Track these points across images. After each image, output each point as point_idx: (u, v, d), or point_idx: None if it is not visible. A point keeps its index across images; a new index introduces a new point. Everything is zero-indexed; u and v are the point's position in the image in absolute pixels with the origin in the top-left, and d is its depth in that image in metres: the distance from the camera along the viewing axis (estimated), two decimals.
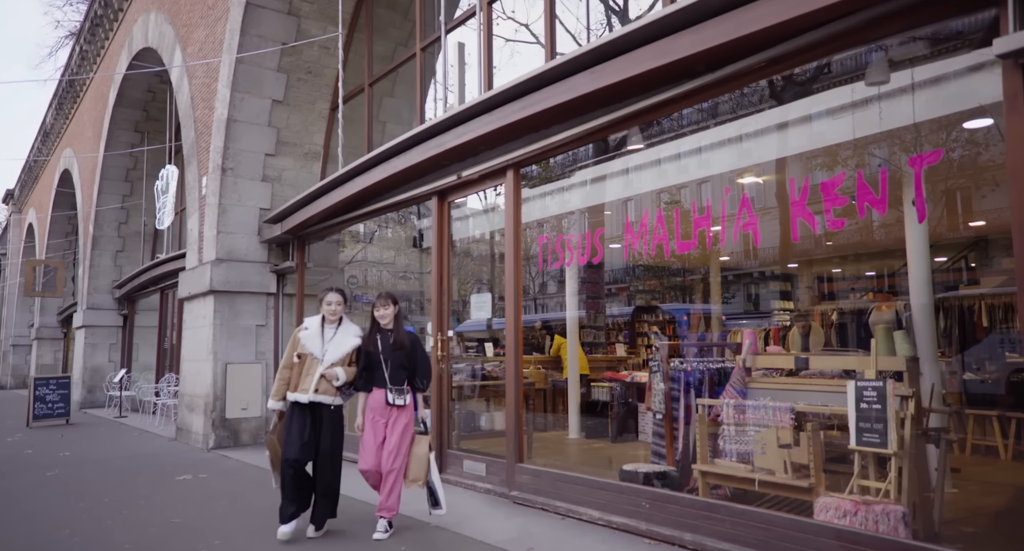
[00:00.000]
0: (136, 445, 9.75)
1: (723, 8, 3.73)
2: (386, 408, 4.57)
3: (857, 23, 3.32)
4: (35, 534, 4.80)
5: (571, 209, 7.46)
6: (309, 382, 4.50)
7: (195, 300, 9.81)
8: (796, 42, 3.60)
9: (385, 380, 4.59)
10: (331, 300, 4.73)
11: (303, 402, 4.49)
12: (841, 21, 3.35)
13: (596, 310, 12.12)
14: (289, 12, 9.19)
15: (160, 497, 6.01)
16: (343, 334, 4.70)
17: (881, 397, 3.90)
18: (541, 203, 7.45)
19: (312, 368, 4.54)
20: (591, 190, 6.77)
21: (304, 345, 4.61)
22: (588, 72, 4.65)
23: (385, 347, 4.63)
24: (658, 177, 5.66)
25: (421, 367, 4.75)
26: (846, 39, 3.48)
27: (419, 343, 4.79)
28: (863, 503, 3.67)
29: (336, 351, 4.61)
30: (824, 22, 3.39)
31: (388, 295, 4.82)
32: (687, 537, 4.06)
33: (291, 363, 4.64)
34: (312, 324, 4.74)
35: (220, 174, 9.33)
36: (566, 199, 7.17)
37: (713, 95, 4.30)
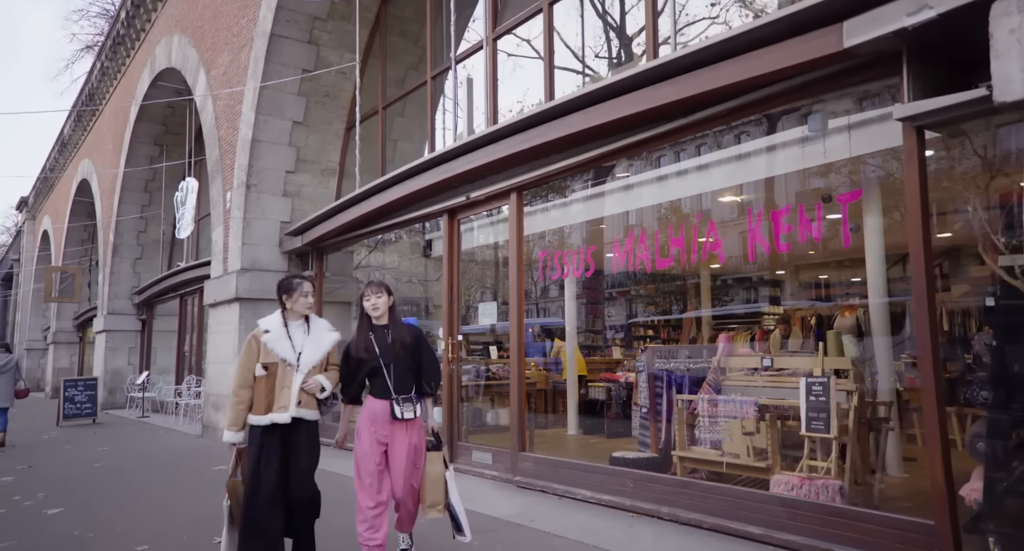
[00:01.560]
0: (166, 441, 10.50)
1: (692, 66, 4.49)
2: (390, 424, 3.72)
3: (795, 84, 4.08)
4: (106, 511, 5.56)
5: (569, 223, 8.20)
6: (287, 396, 3.58)
7: (220, 307, 10.57)
8: (750, 96, 4.36)
9: (389, 389, 3.71)
10: (308, 290, 3.80)
11: (281, 422, 3.56)
12: (782, 83, 4.11)
13: (595, 315, 12.88)
14: (309, 41, 9.96)
15: (203, 482, 6.77)
16: (316, 330, 3.81)
17: (825, 391, 4.64)
18: (544, 217, 8.19)
19: (287, 378, 3.61)
20: (585, 209, 7.50)
21: (273, 351, 3.63)
22: (581, 112, 5.41)
23: (384, 349, 3.74)
24: (639, 200, 6.41)
25: (429, 367, 3.91)
26: (788, 96, 4.24)
27: (423, 338, 3.97)
28: (808, 478, 4.42)
29: (313, 353, 3.71)
30: (768, 83, 4.15)
31: (379, 283, 3.91)
32: (664, 510, 4.80)
33: (251, 380, 3.63)
34: (273, 324, 3.74)
35: (245, 190, 10.10)
36: (564, 215, 7.92)
37: (686, 135, 5.06)
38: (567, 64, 7.33)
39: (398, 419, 3.70)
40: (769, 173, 5.18)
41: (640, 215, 6.33)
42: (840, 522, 3.84)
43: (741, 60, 4.16)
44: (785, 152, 4.84)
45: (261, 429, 3.58)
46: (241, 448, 3.70)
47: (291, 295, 3.78)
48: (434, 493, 3.76)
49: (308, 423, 3.70)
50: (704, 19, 6.46)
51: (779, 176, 5.10)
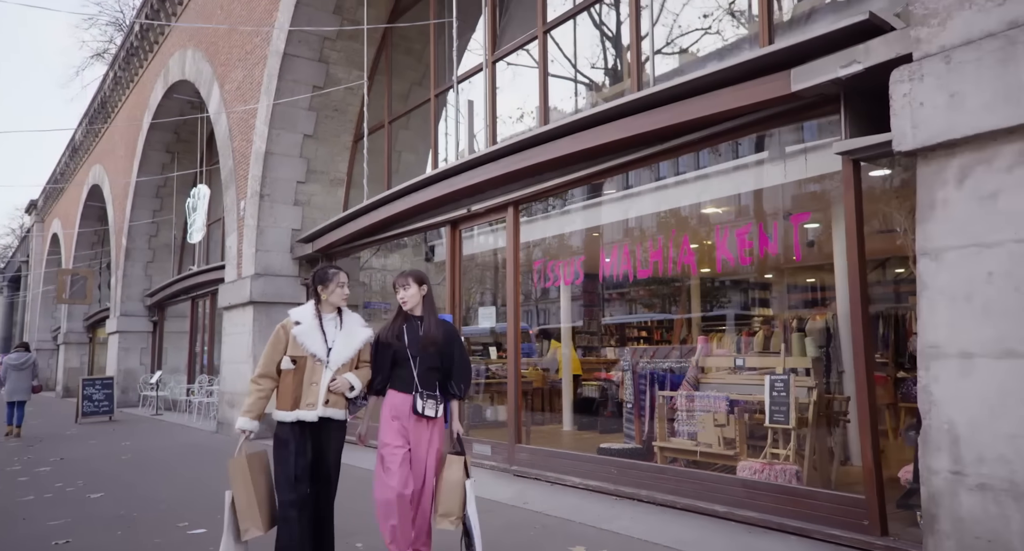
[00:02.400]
0: (184, 436, 11.11)
1: (666, 100, 5.09)
2: (412, 420, 3.54)
3: (753, 119, 4.68)
4: (144, 495, 6.16)
5: (561, 233, 8.79)
6: (315, 394, 3.42)
7: (235, 310, 11.18)
8: (716, 128, 4.96)
9: (413, 382, 3.54)
10: (343, 280, 3.62)
11: (308, 420, 3.41)
12: (743, 118, 4.71)
13: (591, 317, 13.46)
14: (319, 60, 10.57)
15: (224, 474, 7.37)
16: (349, 326, 3.62)
17: (786, 387, 5.24)
18: (539, 226, 8.78)
19: (315, 374, 3.44)
20: (575, 221, 8.09)
21: (303, 344, 3.46)
22: (571, 137, 6.01)
23: (413, 340, 3.59)
24: (623, 213, 7.00)
25: (459, 368, 3.70)
26: (748, 128, 4.84)
27: (457, 337, 3.79)
28: (769, 464, 5.03)
29: (344, 350, 3.53)
30: (731, 118, 4.75)
31: (410, 272, 3.73)
32: (643, 493, 5.40)
33: (275, 371, 3.48)
34: (305, 316, 3.55)
35: (258, 200, 10.71)
36: (557, 226, 8.51)
37: (663, 159, 5.66)
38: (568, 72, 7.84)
39: (419, 414, 3.48)
40: (734, 191, 5.78)
41: (624, 227, 6.93)
42: (790, 500, 4.44)
43: (707, 97, 4.77)
44: (748, 174, 5.45)
45: (288, 426, 3.43)
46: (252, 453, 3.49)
47: (327, 286, 3.56)
48: (450, 501, 3.47)
49: (337, 423, 3.51)
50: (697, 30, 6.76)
51: (745, 194, 5.70)
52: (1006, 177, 2.83)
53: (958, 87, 2.94)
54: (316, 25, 10.17)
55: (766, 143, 5.20)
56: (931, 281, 3.05)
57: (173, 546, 4.52)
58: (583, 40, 7.53)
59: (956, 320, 2.95)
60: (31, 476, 7.37)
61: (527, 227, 7.54)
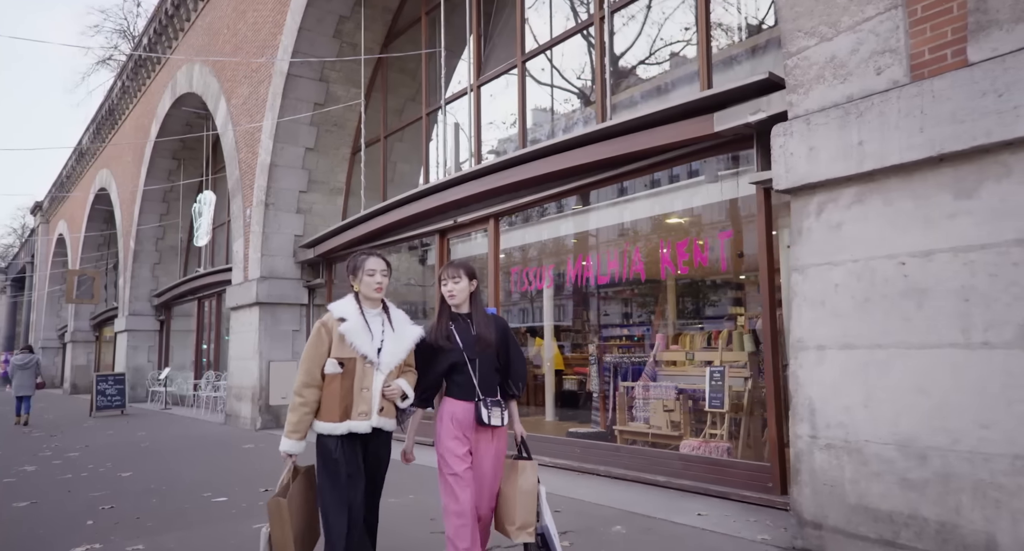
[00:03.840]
0: (194, 428, 12.00)
1: (619, 133, 5.98)
2: (474, 430, 3.15)
3: (689, 150, 5.57)
4: (168, 474, 7.05)
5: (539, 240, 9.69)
6: (367, 401, 3.01)
7: (242, 310, 12.06)
8: (659, 157, 5.85)
9: (474, 389, 3.15)
10: (374, 267, 3.13)
11: (360, 432, 3.03)
12: (680, 149, 5.60)
13: (575, 316, 14.37)
14: (320, 79, 11.44)
15: (238, 458, 8.27)
16: (398, 323, 3.19)
17: (722, 377, 6.14)
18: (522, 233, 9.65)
19: (366, 379, 3.03)
20: (548, 230, 9.00)
21: (352, 344, 3.02)
22: (544, 160, 6.90)
23: (467, 342, 3.19)
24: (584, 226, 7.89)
25: (517, 364, 3.34)
26: (686, 158, 5.74)
27: (509, 330, 3.39)
28: (706, 442, 5.93)
29: (396, 350, 3.12)
30: (670, 149, 5.64)
31: (460, 264, 3.33)
32: (601, 469, 6.29)
33: (319, 378, 3.04)
34: (349, 311, 3.10)
35: (264, 208, 11.58)
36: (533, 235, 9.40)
37: (619, 181, 6.55)
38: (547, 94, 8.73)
39: (485, 425, 3.09)
40: (676, 209, 6.67)
41: (585, 239, 7.82)
42: (715, 469, 5.34)
43: (651, 132, 5.66)
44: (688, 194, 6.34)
45: (337, 440, 2.98)
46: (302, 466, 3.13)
47: (356, 275, 3.14)
48: (528, 511, 3.12)
49: (387, 435, 3.17)
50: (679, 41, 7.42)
51: (683, 212, 6.59)
52: (847, 212, 3.72)
53: (815, 143, 3.83)
54: (317, 48, 11.04)
55: (703, 169, 6.08)
56: (798, 290, 3.95)
57: (200, 510, 5.40)
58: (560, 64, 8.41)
59: (814, 320, 3.84)
60: (63, 460, 8.24)
61: (508, 235, 8.43)
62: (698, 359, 7.16)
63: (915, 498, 3.32)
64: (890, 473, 3.42)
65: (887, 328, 3.49)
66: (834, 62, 3.80)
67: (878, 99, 3.55)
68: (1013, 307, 3.04)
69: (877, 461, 3.48)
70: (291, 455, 3.09)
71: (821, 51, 3.88)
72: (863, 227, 3.64)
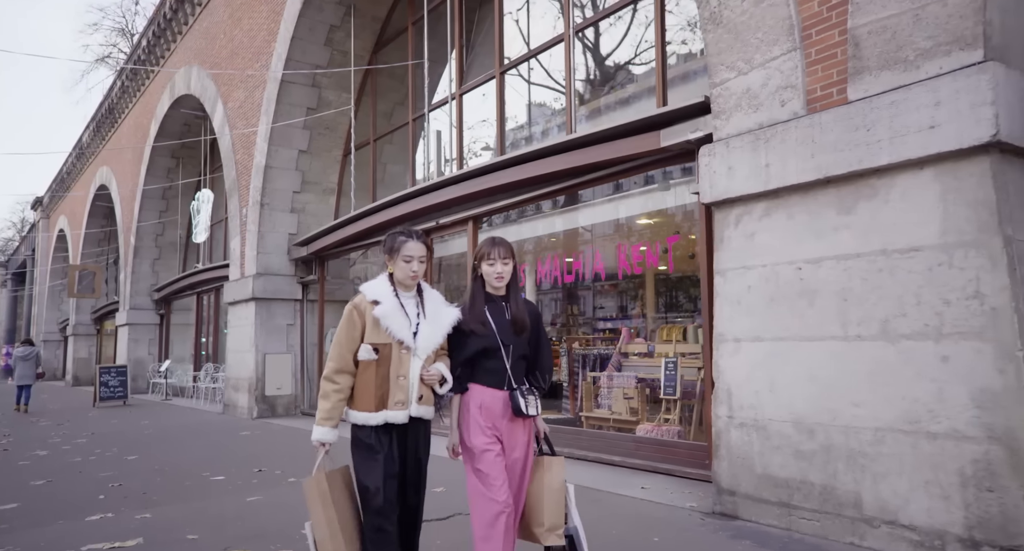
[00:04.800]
0: (194, 417, 12.61)
1: (580, 145, 6.56)
2: (505, 420, 2.94)
3: (642, 162, 6.15)
4: (171, 457, 7.66)
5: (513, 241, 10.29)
6: (405, 389, 2.86)
7: (239, 305, 12.64)
8: (616, 168, 6.43)
9: (506, 377, 2.95)
10: (412, 253, 2.92)
11: (398, 422, 2.86)
12: (634, 161, 6.18)
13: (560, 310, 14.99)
14: (313, 85, 11.99)
15: (235, 443, 8.88)
16: (432, 304, 3.00)
17: (675, 367, 6.75)
18: (500, 233, 10.25)
19: (403, 366, 2.87)
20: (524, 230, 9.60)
21: (388, 329, 2.86)
22: (517, 167, 7.47)
23: (501, 326, 2.97)
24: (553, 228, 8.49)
25: (545, 355, 3.14)
26: (639, 168, 6.32)
27: (541, 318, 3.20)
28: (659, 426, 6.54)
29: (433, 335, 2.93)
30: (626, 161, 6.22)
31: (504, 242, 3.04)
32: (565, 451, 6.87)
33: (352, 364, 2.89)
34: (383, 294, 2.93)
35: (259, 208, 12.16)
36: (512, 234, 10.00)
37: (583, 188, 7.14)
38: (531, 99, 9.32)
39: (521, 415, 2.88)
40: (633, 213, 7.27)
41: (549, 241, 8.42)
42: (662, 449, 5.96)
43: (608, 145, 6.23)
44: (643, 201, 6.94)
45: (372, 430, 2.83)
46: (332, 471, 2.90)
47: (392, 257, 2.93)
48: (556, 512, 2.93)
49: (426, 424, 2.98)
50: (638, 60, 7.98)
51: (637, 216, 7.20)
52: (758, 223, 4.32)
53: (732, 163, 4.41)
54: (309, 55, 11.60)
55: (656, 177, 6.67)
56: (720, 290, 4.55)
57: (200, 486, 6.00)
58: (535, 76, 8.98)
59: (732, 317, 4.44)
60: (72, 446, 8.85)
61: (485, 236, 9.02)
62: (658, 351, 7.77)
63: (805, 466, 3.93)
64: (787, 447, 4.03)
65: (787, 324, 4.10)
66: (749, 93, 4.39)
67: (781, 128, 4.14)
68: (878, 306, 3.64)
69: (778, 437, 4.09)
70: (324, 444, 2.87)
71: (739, 83, 4.46)
72: (771, 237, 4.24)
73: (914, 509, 3.42)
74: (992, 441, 3.17)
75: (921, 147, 3.43)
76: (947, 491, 3.30)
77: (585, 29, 7.68)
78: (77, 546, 4.12)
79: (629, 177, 6.64)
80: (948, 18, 3.39)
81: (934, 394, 3.38)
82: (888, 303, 3.60)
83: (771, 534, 3.98)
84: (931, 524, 3.35)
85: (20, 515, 5.02)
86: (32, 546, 4.17)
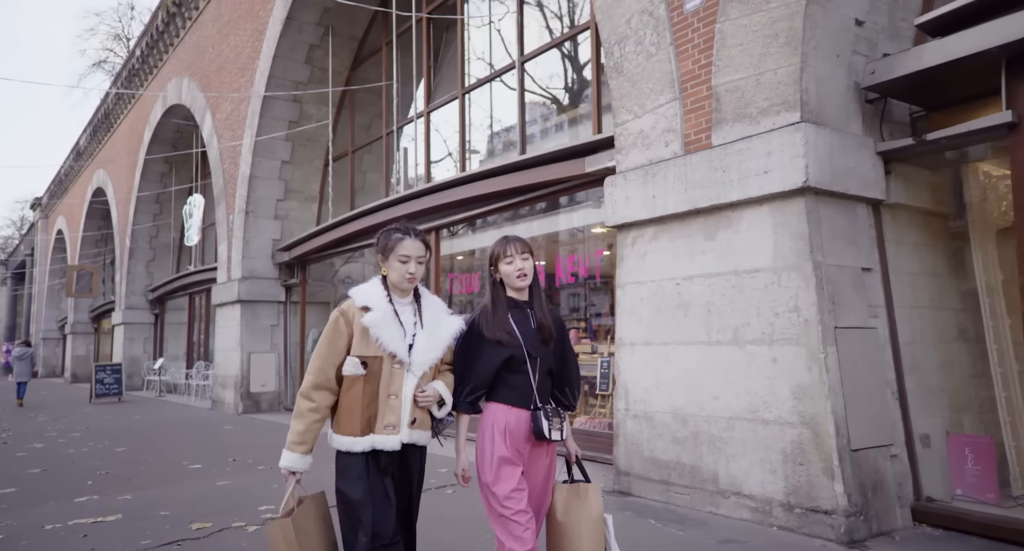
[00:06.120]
0: (183, 413, 13.37)
1: (525, 166, 7.31)
2: (528, 444, 2.60)
3: (573, 184, 6.90)
4: (156, 449, 8.41)
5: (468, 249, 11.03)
6: (396, 410, 2.45)
7: (226, 306, 13.40)
8: (554, 187, 7.18)
9: (532, 395, 2.59)
10: (409, 252, 2.52)
11: (387, 450, 2.45)
12: (566, 183, 6.92)
13: None
14: (294, 100, 12.73)
15: (218, 436, 9.64)
16: (431, 312, 2.61)
17: (608, 366, 7.50)
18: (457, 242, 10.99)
19: (395, 383, 2.46)
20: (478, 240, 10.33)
21: (379, 340, 2.45)
22: (469, 185, 8.23)
23: (528, 335, 2.60)
24: None
25: (573, 368, 2.79)
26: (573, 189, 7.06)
27: (566, 327, 2.84)
28: (592, 418, 7.30)
29: (431, 348, 2.54)
30: (560, 183, 6.97)
31: (522, 239, 2.68)
32: None
33: (333, 379, 2.48)
34: (374, 299, 2.51)
35: (244, 215, 12.90)
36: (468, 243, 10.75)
37: (528, 204, 7.89)
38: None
39: (543, 439, 2.56)
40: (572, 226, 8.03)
41: None
42: (589, 439, 6.72)
43: (545, 168, 6.99)
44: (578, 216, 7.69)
45: (357, 458, 2.44)
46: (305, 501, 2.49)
47: (386, 257, 2.55)
48: (595, 546, 2.62)
49: (421, 451, 2.60)
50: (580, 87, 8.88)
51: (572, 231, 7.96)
52: (648, 245, 5.07)
53: (629, 193, 5.16)
54: (291, 72, 12.34)
55: (589, 195, 7.43)
56: (620, 301, 5.30)
57: (178, 474, 6.75)
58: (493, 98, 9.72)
59: (629, 324, 5.19)
60: (67, 439, 9.60)
61: (448, 243, 9.78)
62: (599, 351, 8.53)
63: (680, 450, 4.69)
64: (668, 434, 4.79)
65: (669, 331, 4.85)
66: (642, 134, 5.14)
67: (664, 165, 4.89)
68: (732, 316, 4.39)
69: (661, 426, 4.85)
70: (294, 473, 2.45)
71: (635, 125, 5.21)
72: (658, 257, 4.99)
73: (753, 482, 4.18)
74: (803, 426, 3.93)
75: (759, 188, 4.18)
76: (774, 466, 4.06)
77: (532, 58, 8.41)
78: (65, 521, 4.86)
79: (566, 195, 7.38)
80: (778, 84, 4.14)
81: (768, 389, 4.14)
82: (739, 314, 4.35)
83: (652, 506, 4.74)
84: (763, 493, 4.12)
85: (17, 498, 5.75)
86: (26, 522, 4.90)
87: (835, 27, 4.19)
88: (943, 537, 3.88)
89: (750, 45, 4.31)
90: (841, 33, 4.22)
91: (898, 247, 4.53)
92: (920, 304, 4.54)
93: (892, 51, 4.38)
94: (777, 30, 4.15)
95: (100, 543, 4.26)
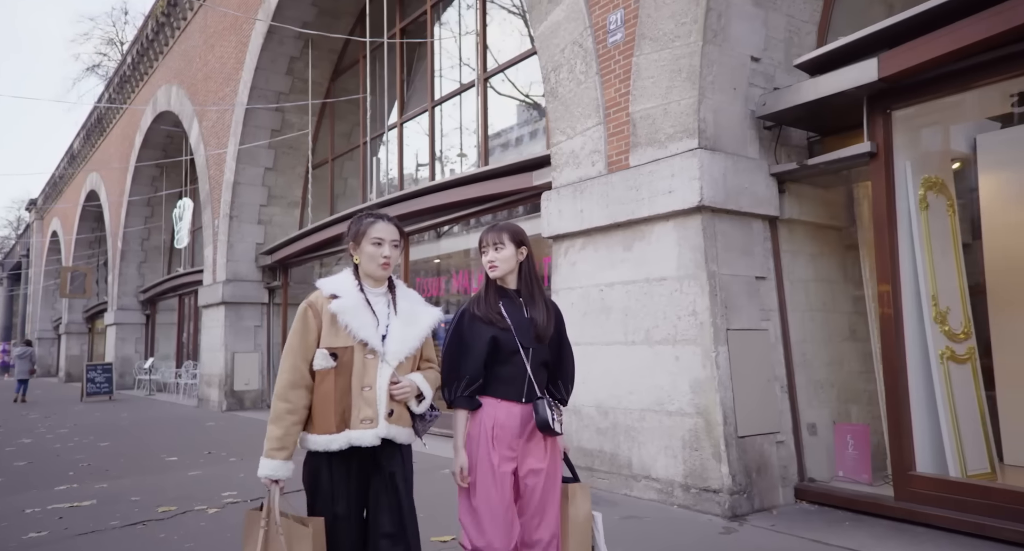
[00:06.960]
0: (170, 410, 13.86)
1: (482, 178, 7.82)
2: (523, 440, 2.48)
3: (527, 194, 7.40)
4: (139, 444, 8.90)
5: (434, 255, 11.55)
6: (372, 402, 2.27)
7: (211, 308, 13.89)
8: (511, 198, 7.69)
9: (526, 386, 2.50)
10: (382, 235, 2.40)
11: (364, 446, 2.26)
12: (522, 193, 7.43)
13: None
14: (277, 109, 13.23)
15: (199, 432, 10.13)
16: (407, 302, 2.47)
17: None
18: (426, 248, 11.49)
19: (368, 374, 2.29)
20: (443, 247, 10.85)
21: (349, 327, 2.29)
22: (437, 194, 8.74)
23: (520, 324, 2.51)
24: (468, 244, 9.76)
25: (569, 362, 2.74)
26: (527, 199, 7.57)
27: (563, 319, 2.74)
28: None
29: (406, 337, 2.38)
30: (516, 193, 7.47)
31: (504, 227, 2.60)
32: None
33: (308, 375, 2.31)
34: (343, 287, 2.37)
35: (228, 220, 13.39)
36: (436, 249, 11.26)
37: (486, 214, 8.41)
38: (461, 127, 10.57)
39: (548, 431, 2.44)
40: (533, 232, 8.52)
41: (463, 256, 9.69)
42: None
43: (500, 180, 7.50)
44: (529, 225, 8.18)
45: (328, 458, 2.28)
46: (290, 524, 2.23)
47: (358, 244, 2.42)
48: (582, 544, 2.55)
49: (403, 449, 2.38)
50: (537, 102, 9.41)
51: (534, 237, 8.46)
52: (578, 255, 5.58)
53: (562, 207, 5.67)
54: (272, 83, 12.84)
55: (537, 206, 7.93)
56: None
57: (156, 467, 7.24)
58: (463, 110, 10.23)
59: None
60: (55, 435, 10.09)
61: (416, 248, 10.29)
62: None
63: (602, 440, 5.20)
64: (592, 426, 5.30)
65: (594, 332, 5.36)
66: (573, 154, 5.66)
67: (590, 182, 5.40)
68: (645, 319, 4.91)
69: (587, 418, 5.36)
70: (277, 481, 2.26)
71: (568, 145, 5.73)
72: (586, 265, 5.50)
73: (659, 466, 4.70)
74: (698, 416, 4.44)
75: (665, 205, 4.70)
76: (675, 452, 4.58)
77: (492, 76, 8.93)
78: (44, 505, 5.35)
79: (520, 206, 7.90)
80: (681, 114, 4.65)
81: (672, 383, 4.66)
82: (650, 317, 4.86)
83: None
84: (667, 476, 4.63)
85: (1, 487, 6.24)
86: (8, 507, 5.36)
87: (732, 64, 4.71)
88: (816, 511, 4.40)
89: (659, 78, 4.82)
90: (738, 69, 4.74)
91: (794, 257, 5.06)
92: (812, 307, 5.07)
93: (788, 84, 4.90)
94: (680, 66, 4.67)
95: (73, 524, 4.75)
